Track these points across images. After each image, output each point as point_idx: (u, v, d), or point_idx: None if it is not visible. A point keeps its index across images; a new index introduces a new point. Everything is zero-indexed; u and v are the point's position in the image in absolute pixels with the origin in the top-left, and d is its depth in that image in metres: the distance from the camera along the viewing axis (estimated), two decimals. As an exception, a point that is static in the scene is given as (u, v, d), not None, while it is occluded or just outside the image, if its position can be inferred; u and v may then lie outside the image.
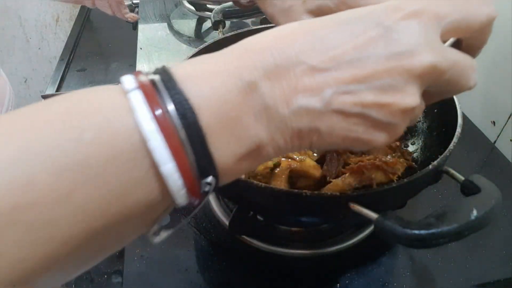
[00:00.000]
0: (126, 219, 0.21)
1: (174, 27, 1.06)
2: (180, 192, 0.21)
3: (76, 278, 0.57)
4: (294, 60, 0.23)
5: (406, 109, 0.24)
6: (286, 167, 0.49)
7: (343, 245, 0.54)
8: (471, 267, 0.52)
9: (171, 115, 0.20)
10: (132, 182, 0.20)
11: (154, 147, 0.20)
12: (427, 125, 0.57)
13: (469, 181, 0.38)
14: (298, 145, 0.25)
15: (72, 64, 0.97)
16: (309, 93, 0.23)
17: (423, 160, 0.53)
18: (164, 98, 0.21)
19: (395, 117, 0.24)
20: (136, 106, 0.20)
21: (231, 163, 0.23)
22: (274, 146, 0.24)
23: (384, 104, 0.24)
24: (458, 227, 0.30)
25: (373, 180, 0.46)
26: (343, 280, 0.50)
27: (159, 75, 0.22)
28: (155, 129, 0.20)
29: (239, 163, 0.23)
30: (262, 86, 0.22)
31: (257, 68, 0.23)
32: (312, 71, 0.23)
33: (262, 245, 0.53)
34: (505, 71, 0.70)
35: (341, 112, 0.23)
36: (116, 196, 0.20)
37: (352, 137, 0.25)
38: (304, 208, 0.40)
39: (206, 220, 0.57)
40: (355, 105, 0.23)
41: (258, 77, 0.22)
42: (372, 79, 0.23)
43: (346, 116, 0.24)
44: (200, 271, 0.51)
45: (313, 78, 0.23)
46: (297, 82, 0.23)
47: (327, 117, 0.23)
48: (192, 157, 0.21)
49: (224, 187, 0.45)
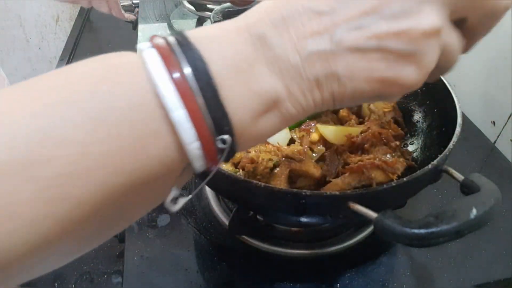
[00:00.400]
0: (143, 178, 0.20)
1: (174, 27, 1.06)
2: (193, 144, 0.21)
3: (76, 278, 0.57)
4: (300, 10, 0.22)
5: (428, 32, 0.22)
6: (286, 167, 0.49)
7: (343, 245, 0.54)
8: (471, 267, 0.52)
9: (181, 65, 0.20)
10: (146, 134, 0.20)
11: (164, 94, 0.20)
12: (427, 124, 0.57)
13: (468, 180, 0.38)
14: (319, 98, 0.23)
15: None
16: (318, 37, 0.22)
17: (423, 159, 0.53)
18: (176, 52, 0.21)
19: (418, 43, 0.22)
20: (148, 59, 0.21)
21: (247, 119, 0.22)
22: (293, 100, 0.23)
23: (401, 32, 0.22)
24: (458, 226, 0.30)
25: (373, 180, 0.46)
26: (343, 280, 0.50)
27: (174, 36, 0.22)
28: (166, 77, 0.20)
29: (256, 120, 0.22)
30: (271, 37, 0.22)
31: (265, 22, 0.22)
32: (319, 16, 0.22)
33: (262, 245, 0.53)
34: (505, 71, 0.70)
35: (356, 50, 0.22)
36: (132, 150, 0.20)
37: (376, 77, 0.23)
38: (304, 208, 0.40)
39: (206, 220, 0.57)
40: (369, 39, 0.22)
41: (267, 30, 0.22)
42: (382, 9, 0.22)
43: (363, 53, 0.22)
44: (200, 271, 0.51)
45: (320, 22, 0.22)
46: (305, 29, 0.22)
47: (342, 58, 0.22)
48: (203, 105, 0.20)
49: (224, 187, 0.45)
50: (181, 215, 0.57)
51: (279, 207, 0.42)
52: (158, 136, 0.20)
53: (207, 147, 0.21)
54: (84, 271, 0.58)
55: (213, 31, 0.23)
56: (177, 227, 0.55)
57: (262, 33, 0.22)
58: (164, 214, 0.57)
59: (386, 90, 0.23)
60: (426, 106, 0.58)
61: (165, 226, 0.55)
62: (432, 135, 0.54)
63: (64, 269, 0.59)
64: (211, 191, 0.60)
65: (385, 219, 0.32)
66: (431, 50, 0.23)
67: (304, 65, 0.22)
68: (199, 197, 0.60)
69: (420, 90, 0.59)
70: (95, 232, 0.22)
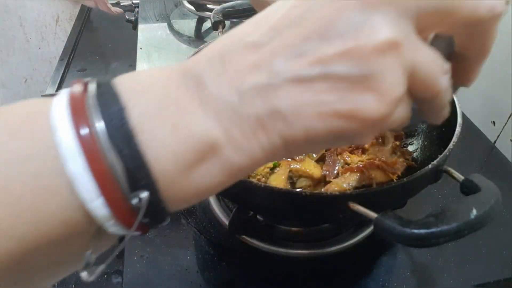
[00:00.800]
0: (41, 242, 0.18)
1: (174, 27, 1.06)
2: (95, 201, 0.18)
3: (76, 278, 0.57)
4: (237, 44, 0.20)
5: (381, 47, 0.18)
6: (286, 167, 0.49)
7: (343, 245, 0.54)
8: (471, 267, 0.52)
9: (92, 117, 0.18)
10: (42, 191, 0.18)
11: (59, 142, 0.17)
12: (427, 125, 0.57)
13: (468, 180, 0.38)
14: (267, 142, 0.19)
15: (72, 64, 0.97)
16: (256, 70, 0.19)
17: (423, 160, 0.53)
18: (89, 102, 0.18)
19: (370, 62, 0.18)
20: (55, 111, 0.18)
21: (175, 169, 0.19)
22: (234, 146, 0.19)
23: (347, 51, 0.18)
24: (458, 226, 0.30)
25: (373, 180, 0.46)
26: (343, 280, 0.50)
27: (97, 83, 0.20)
28: (66, 128, 0.18)
29: (189, 171, 0.19)
30: (206, 77, 0.19)
31: (202, 62, 0.20)
32: (257, 48, 0.19)
33: (262, 245, 0.53)
34: (505, 71, 0.70)
35: (298, 80, 0.18)
36: (24, 209, 0.17)
37: (328, 112, 0.19)
38: (304, 208, 0.40)
39: (206, 220, 0.57)
40: (312, 65, 0.18)
41: (203, 70, 0.20)
42: (326, 30, 0.18)
43: (307, 84, 0.18)
44: (200, 271, 0.51)
45: (257, 54, 0.19)
46: (242, 63, 0.19)
47: (283, 91, 0.19)
48: (112, 154, 0.18)
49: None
50: (181, 215, 0.57)
51: (279, 207, 0.42)
52: (55, 193, 0.18)
53: (115, 204, 0.18)
54: (84, 271, 0.58)
55: (145, 75, 0.20)
56: (177, 227, 0.55)
57: (198, 73, 0.20)
58: (164, 214, 0.57)
59: (346, 127, 0.19)
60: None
61: (165, 226, 0.55)
62: (432, 135, 0.54)
63: (64, 269, 0.59)
64: (211, 191, 0.60)
65: (385, 219, 0.32)
66: (390, 69, 0.18)
67: (242, 103, 0.19)
68: (199, 197, 0.60)
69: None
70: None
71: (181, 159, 0.19)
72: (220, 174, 0.20)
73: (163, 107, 0.19)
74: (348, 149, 0.51)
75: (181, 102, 0.19)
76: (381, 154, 0.50)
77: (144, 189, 0.18)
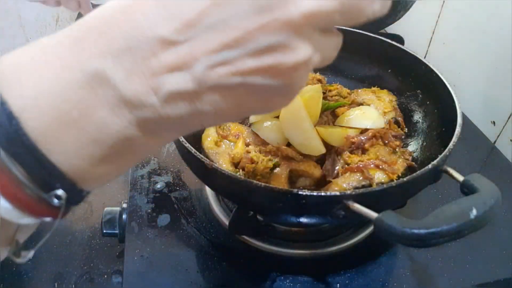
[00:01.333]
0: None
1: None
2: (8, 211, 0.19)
3: (76, 278, 0.57)
4: (147, 37, 0.18)
5: (297, 65, 0.20)
6: (286, 167, 0.49)
7: (343, 245, 0.54)
8: (471, 267, 0.52)
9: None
10: None
11: None
12: (427, 125, 0.57)
13: (468, 180, 0.38)
14: (186, 130, 0.22)
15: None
16: (177, 72, 0.19)
17: (423, 160, 0.53)
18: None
19: (287, 77, 0.20)
20: None
21: (87, 165, 0.20)
22: (150, 136, 0.21)
23: (269, 67, 0.19)
24: (458, 226, 0.30)
25: (373, 180, 0.46)
26: (343, 280, 0.50)
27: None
28: None
29: (103, 163, 0.20)
30: (113, 75, 0.18)
31: (103, 53, 0.18)
32: (171, 46, 0.19)
33: (262, 245, 0.53)
34: (505, 71, 0.70)
35: (221, 88, 0.20)
36: None
37: (246, 109, 0.21)
38: (304, 208, 0.40)
39: (206, 220, 0.57)
40: (234, 75, 0.19)
41: (106, 65, 0.18)
42: (245, 42, 0.19)
43: (229, 90, 0.20)
44: (200, 271, 0.51)
45: (175, 54, 0.19)
46: (158, 62, 0.19)
47: (208, 96, 0.20)
48: (16, 170, 0.18)
49: (224, 187, 0.45)
50: (181, 215, 0.57)
51: (279, 207, 0.42)
52: None
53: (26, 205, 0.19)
54: (84, 271, 0.58)
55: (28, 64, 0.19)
56: (177, 227, 0.55)
57: (102, 71, 0.18)
58: (164, 214, 0.57)
59: (256, 113, 0.24)
60: (426, 107, 0.58)
61: (165, 226, 0.55)
62: (432, 135, 0.54)
63: (64, 269, 0.59)
64: (211, 191, 0.60)
65: (385, 219, 0.32)
66: (302, 79, 0.21)
67: (164, 106, 0.19)
68: (199, 197, 0.60)
69: (420, 90, 0.59)
70: None
71: (96, 157, 0.20)
72: (136, 159, 0.22)
73: (65, 113, 0.18)
74: (348, 149, 0.51)
75: (87, 105, 0.19)
76: (381, 154, 0.50)
77: (58, 186, 0.19)
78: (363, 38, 0.63)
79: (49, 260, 0.60)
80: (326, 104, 0.56)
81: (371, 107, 0.58)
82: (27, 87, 0.18)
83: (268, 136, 0.52)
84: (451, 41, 0.84)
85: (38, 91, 0.18)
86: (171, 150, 0.68)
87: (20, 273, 0.59)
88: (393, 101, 0.60)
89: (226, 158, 0.50)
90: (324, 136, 0.52)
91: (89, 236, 0.64)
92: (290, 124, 0.49)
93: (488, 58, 0.74)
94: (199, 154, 0.42)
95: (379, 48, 0.63)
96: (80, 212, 0.69)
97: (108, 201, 0.69)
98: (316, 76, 0.63)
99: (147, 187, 0.60)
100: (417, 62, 0.58)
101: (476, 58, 0.76)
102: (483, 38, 0.74)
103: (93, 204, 0.70)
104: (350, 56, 0.66)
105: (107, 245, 0.62)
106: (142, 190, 0.60)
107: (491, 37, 0.72)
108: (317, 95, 0.51)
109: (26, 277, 0.59)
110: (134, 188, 0.60)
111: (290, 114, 0.49)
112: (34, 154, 0.18)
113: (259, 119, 0.54)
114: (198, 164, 0.42)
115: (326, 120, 0.56)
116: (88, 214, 0.68)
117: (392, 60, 0.63)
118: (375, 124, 0.54)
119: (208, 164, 0.41)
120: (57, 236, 0.64)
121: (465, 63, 0.79)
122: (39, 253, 0.62)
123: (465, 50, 0.80)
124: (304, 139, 0.49)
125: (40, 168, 0.18)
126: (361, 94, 0.61)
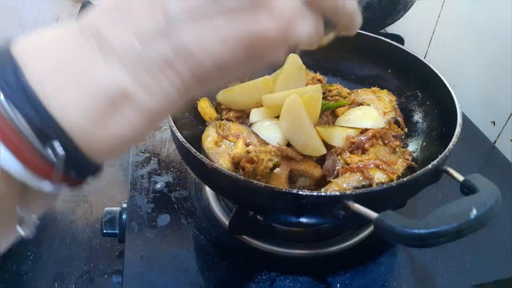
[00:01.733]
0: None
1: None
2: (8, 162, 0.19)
3: (76, 278, 0.58)
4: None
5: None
6: (286, 167, 0.49)
7: (343, 245, 0.54)
8: (471, 267, 0.52)
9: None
10: None
11: None
12: (427, 125, 0.57)
13: (468, 180, 0.38)
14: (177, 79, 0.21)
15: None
16: (151, 14, 0.20)
17: (423, 160, 0.53)
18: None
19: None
20: None
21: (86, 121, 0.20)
22: (145, 89, 0.20)
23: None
24: (458, 226, 0.30)
25: (373, 180, 0.46)
26: (343, 280, 0.50)
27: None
28: None
29: (103, 120, 0.20)
30: (105, 30, 0.20)
31: (100, 17, 0.20)
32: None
33: (262, 245, 0.53)
34: (505, 71, 0.70)
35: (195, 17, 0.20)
36: None
37: (231, 36, 0.20)
38: (304, 208, 0.40)
39: (206, 220, 0.57)
40: (206, 3, 0.20)
41: (99, 22, 0.20)
42: None
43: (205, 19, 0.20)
44: (200, 271, 0.51)
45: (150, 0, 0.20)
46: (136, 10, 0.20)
47: (184, 29, 0.20)
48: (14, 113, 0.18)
49: (224, 187, 0.45)
50: (181, 215, 0.57)
51: (279, 207, 0.42)
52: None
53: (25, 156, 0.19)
54: (84, 271, 0.58)
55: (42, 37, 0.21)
56: (177, 227, 0.55)
57: (96, 27, 0.20)
58: (164, 214, 0.57)
59: (252, 48, 0.21)
60: (426, 107, 0.58)
61: (165, 226, 0.55)
62: (432, 135, 0.54)
63: (64, 269, 0.59)
64: (211, 191, 0.60)
65: (385, 219, 0.33)
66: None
67: (145, 48, 0.20)
68: (199, 197, 0.60)
69: (420, 90, 0.59)
70: None
71: (91, 110, 0.20)
72: (138, 120, 0.21)
73: (64, 65, 0.20)
74: (348, 149, 0.51)
75: (83, 58, 0.20)
76: (381, 154, 0.50)
77: (55, 139, 0.19)
78: (363, 38, 0.63)
79: (49, 260, 0.60)
80: (326, 104, 0.56)
81: (371, 107, 0.58)
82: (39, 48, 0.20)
83: (268, 136, 0.52)
84: (451, 41, 0.84)
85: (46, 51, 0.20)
86: (171, 150, 0.68)
87: (20, 273, 0.59)
88: (393, 101, 0.60)
89: (226, 158, 0.50)
90: (324, 136, 0.52)
91: (89, 236, 0.64)
92: (290, 125, 0.49)
93: (488, 58, 0.74)
94: (199, 154, 0.42)
95: (379, 48, 0.63)
96: (80, 212, 0.69)
97: (108, 201, 0.69)
98: (316, 76, 0.63)
99: (147, 187, 0.61)
100: (417, 62, 0.58)
101: (476, 58, 0.76)
102: (483, 38, 0.74)
103: (93, 204, 0.70)
104: (350, 56, 0.66)
105: (107, 245, 0.62)
106: (142, 190, 0.60)
107: (491, 37, 0.72)
108: (317, 95, 0.51)
109: (26, 277, 0.59)
110: (134, 188, 0.60)
111: (290, 114, 0.49)
112: (34, 102, 0.19)
113: (259, 119, 0.54)
114: (198, 164, 0.42)
115: (326, 120, 0.56)
116: (88, 214, 0.68)
117: (392, 60, 0.63)
118: (375, 124, 0.54)
119: (208, 164, 0.41)
120: (57, 236, 0.64)
121: (465, 63, 0.79)
122: (39, 253, 0.62)
123: (465, 50, 0.80)
124: (305, 140, 0.49)
125: (38, 117, 0.19)
126: (361, 94, 0.61)
